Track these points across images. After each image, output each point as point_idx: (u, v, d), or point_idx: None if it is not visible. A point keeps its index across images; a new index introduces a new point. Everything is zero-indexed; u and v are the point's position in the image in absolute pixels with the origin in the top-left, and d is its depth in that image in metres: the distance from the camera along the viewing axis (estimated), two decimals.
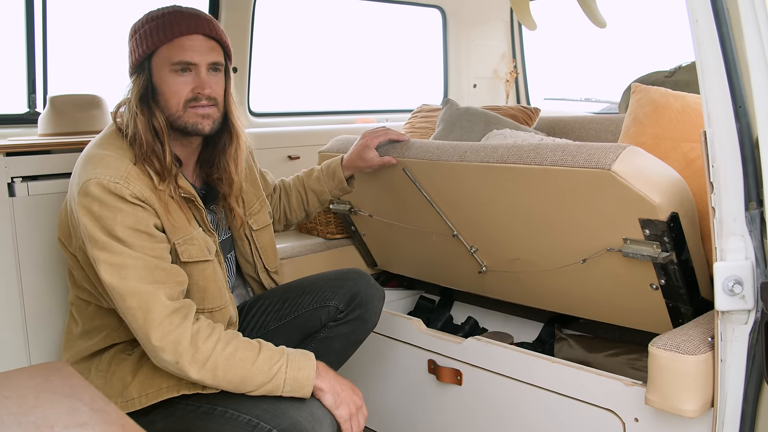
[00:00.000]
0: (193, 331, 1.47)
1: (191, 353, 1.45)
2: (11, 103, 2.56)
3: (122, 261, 1.45)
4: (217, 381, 1.47)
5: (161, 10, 1.58)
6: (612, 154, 1.49)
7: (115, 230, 1.46)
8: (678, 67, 2.62)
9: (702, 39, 1.28)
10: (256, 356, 1.50)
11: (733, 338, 1.34)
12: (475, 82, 4.09)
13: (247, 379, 1.48)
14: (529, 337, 2.40)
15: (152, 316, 1.44)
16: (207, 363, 1.46)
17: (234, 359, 1.48)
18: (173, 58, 1.55)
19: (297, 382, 1.50)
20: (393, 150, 1.99)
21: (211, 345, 1.47)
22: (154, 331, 1.44)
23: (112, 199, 1.46)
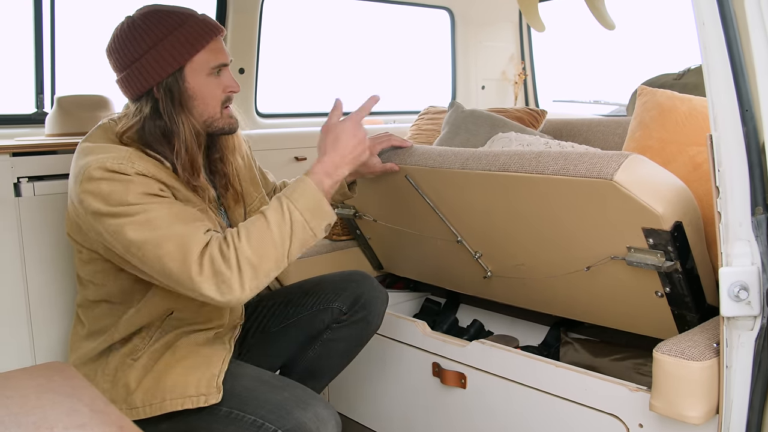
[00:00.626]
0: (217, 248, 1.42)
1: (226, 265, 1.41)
2: (19, 104, 2.57)
3: (147, 217, 1.42)
4: (259, 268, 1.43)
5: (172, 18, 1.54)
6: (614, 164, 1.48)
7: (128, 199, 1.42)
8: (687, 70, 2.60)
9: (708, 42, 1.27)
10: (264, 220, 1.46)
11: (739, 344, 1.32)
12: (484, 83, 4.08)
13: (276, 240, 1.45)
14: (535, 341, 2.39)
15: (191, 254, 1.40)
16: (239, 262, 1.42)
17: (252, 237, 1.44)
18: (212, 62, 1.56)
19: (310, 208, 1.49)
20: (395, 156, 1.99)
21: (233, 246, 1.43)
22: (195, 266, 1.40)
23: (119, 177, 1.44)
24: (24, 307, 1.98)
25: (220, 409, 1.54)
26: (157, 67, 1.52)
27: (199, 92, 1.56)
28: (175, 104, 1.54)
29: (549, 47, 4.14)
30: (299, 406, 1.50)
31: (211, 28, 1.57)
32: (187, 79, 1.55)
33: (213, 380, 1.54)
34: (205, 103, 1.58)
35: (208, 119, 1.59)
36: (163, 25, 1.53)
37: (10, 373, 1.32)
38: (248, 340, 1.87)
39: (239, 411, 1.52)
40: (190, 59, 1.54)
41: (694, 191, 1.64)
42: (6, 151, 1.93)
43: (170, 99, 1.53)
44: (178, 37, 1.52)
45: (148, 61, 1.52)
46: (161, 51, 1.52)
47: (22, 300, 1.97)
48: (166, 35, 1.52)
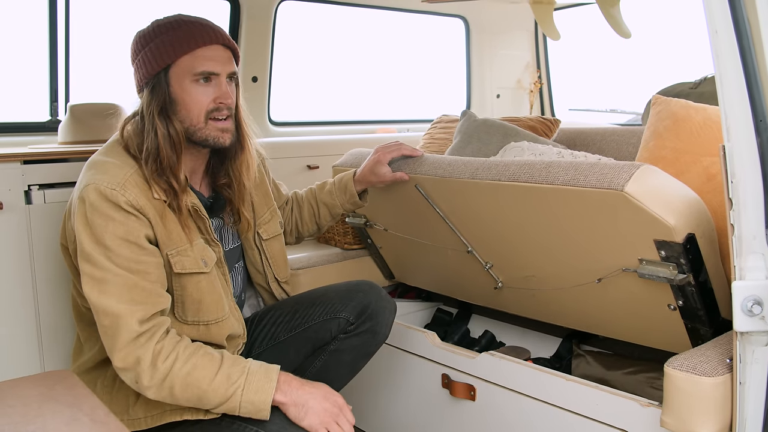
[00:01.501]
0: (155, 351, 1.45)
1: (150, 374, 1.43)
2: (34, 112, 2.59)
3: (103, 276, 1.44)
4: (176, 400, 1.47)
5: (175, 21, 1.57)
6: (625, 174, 1.45)
7: (104, 238, 1.45)
8: (703, 79, 2.56)
9: (721, 50, 1.24)
10: (213, 375, 1.46)
11: (753, 360, 1.29)
12: (499, 92, 4.06)
13: (203, 399, 1.46)
14: (547, 353, 2.36)
15: (119, 338, 1.43)
16: (164, 383, 1.44)
17: (191, 378, 1.45)
18: (196, 68, 1.54)
19: (253, 405, 1.47)
20: (405, 165, 1.98)
21: (169, 364, 1.45)
22: (118, 352, 1.44)
23: (106, 207, 1.45)
24: (33, 314, 1.99)
25: (222, 419, 1.53)
26: (147, 65, 1.55)
27: (180, 97, 1.55)
28: (155, 104, 1.54)
29: (565, 56, 4.12)
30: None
31: (206, 34, 1.56)
32: (171, 81, 1.55)
33: None
34: (187, 109, 1.56)
35: (191, 127, 1.57)
36: (164, 27, 1.56)
37: (13, 381, 1.33)
38: (255, 350, 1.86)
39: (241, 422, 1.51)
40: (174, 61, 1.54)
41: (707, 202, 1.60)
42: (17, 158, 1.95)
43: (153, 98, 1.55)
44: (170, 37, 1.54)
45: (142, 59, 1.56)
46: (152, 49, 1.54)
47: (31, 307, 1.98)
48: (160, 35, 1.55)
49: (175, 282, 1.56)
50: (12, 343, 1.96)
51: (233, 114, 1.63)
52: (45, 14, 2.51)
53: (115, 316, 1.43)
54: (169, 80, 1.55)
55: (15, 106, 2.62)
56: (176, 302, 1.57)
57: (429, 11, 3.73)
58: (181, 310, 1.58)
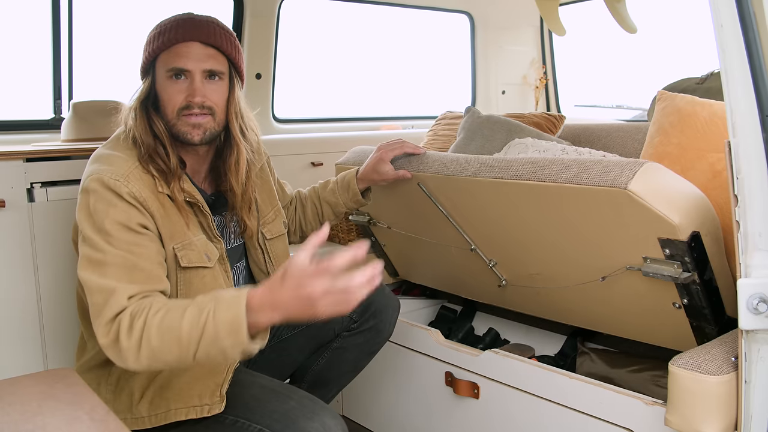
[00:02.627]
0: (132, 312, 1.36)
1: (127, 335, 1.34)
2: (38, 109, 2.60)
3: (103, 258, 1.42)
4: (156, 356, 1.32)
5: (171, 17, 1.59)
6: (629, 172, 1.44)
7: (104, 224, 1.43)
8: (710, 74, 2.53)
9: (727, 45, 1.23)
10: (184, 312, 1.32)
11: (758, 358, 1.27)
12: (504, 88, 4.04)
13: (182, 341, 1.30)
14: (552, 350, 2.35)
15: (106, 313, 1.37)
16: (141, 339, 1.33)
17: (164, 324, 1.33)
18: (169, 64, 1.55)
19: (229, 324, 1.27)
20: (408, 163, 1.97)
21: (143, 320, 1.34)
22: (103, 327, 1.37)
23: (109, 195, 1.45)
24: (36, 313, 1.99)
25: (226, 417, 1.52)
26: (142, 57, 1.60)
27: (159, 92, 1.58)
28: (141, 94, 1.58)
29: (570, 51, 4.10)
30: (306, 415, 1.48)
31: (186, 32, 1.55)
32: (156, 75, 1.58)
33: (217, 390, 1.52)
34: (164, 104, 1.57)
35: (168, 122, 1.58)
36: (161, 23, 1.58)
37: (14, 379, 1.32)
38: None
39: (245, 420, 1.51)
40: (157, 56, 1.57)
41: (713, 199, 1.59)
42: (19, 156, 1.95)
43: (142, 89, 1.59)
44: (158, 33, 1.57)
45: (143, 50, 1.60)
46: (147, 43, 1.59)
47: (34, 305, 1.98)
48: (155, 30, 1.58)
49: (180, 277, 1.55)
50: (14, 341, 1.96)
51: (215, 113, 1.59)
52: (48, 11, 2.51)
53: (108, 292, 1.39)
54: (155, 75, 1.58)
55: (18, 104, 2.62)
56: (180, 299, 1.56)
57: (434, 7, 3.71)
58: None
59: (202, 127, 1.57)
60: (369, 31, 3.81)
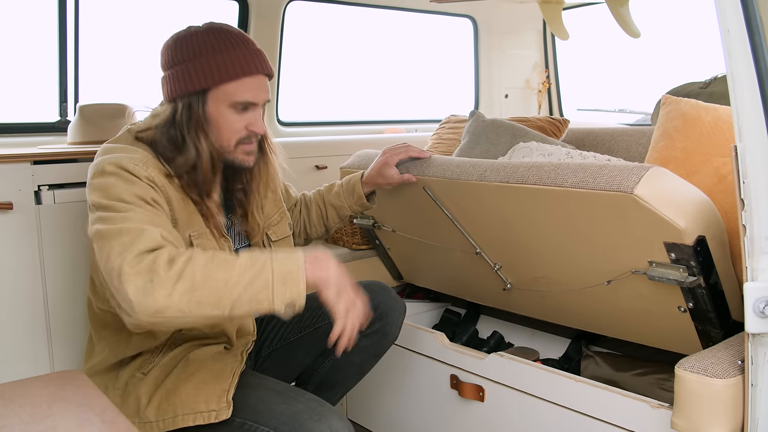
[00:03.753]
0: (172, 253, 1.31)
1: (167, 267, 1.27)
2: (43, 112, 2.60)
3: (125, 215, 1.36)
4: (196, 291, 1.26)
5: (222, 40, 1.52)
6: (635, 177, 1.44)
7: (123, 195, 1.40)
8: (714, 78, 2.54)
9: (733, 50, 1.23)
10: (236, 258, 1.32)
11: (765, 362, 1.28)
12: (507, 92, 4.05)
13: (231, 278, 1.27)
14: (556, 353, 2.35)
15: (137, 247, 1.29)
16: (184, 273, 1.27)
17: (213, 263, 1.29)
18: (238, 96, 1.52)
19: (285, 270, 1.29)
20: (413, 167, 1.97)
21: (186, 258, 1.29)
22: (133, 258, 1.27)
23: (127, 176, 1.43)
24: (42, 315, 1.99)
25: (233, 420, 1.52)
26: (186, 81, 1.51)
27: (215, 120, 1.53)
28: (191, 122, 1.52)
29: (573, 55, 4.10)
30: (313, 417, 1.48)
31: (252, 63, 1.53)
32: (209, 103, 1.52)
33: (223, 395, 1.52)
34: (219, 132, 1.55)
35: (219, 148, 1.57)
36: (211, 44, 1.51)
37: (24, 381, 1.33)
38: (264, 351, 1.86)
39: (253, 422, 1.51)
40: (218, 86, 1.51)
41: (718, 203, 1.59)
42: (27, 158, 1.95)
43: (188, 115, 1.52)
44: (216, 60, 1.50)
45: (182, 72, 1.51)
46: (195, 67, 1.50)
47: (41, 307, 1.99)
48: (207, 54, 1.50)
49: None
50: (22, 344, 1.96)
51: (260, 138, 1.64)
52: (54, 15, 2.52)
53: (138, 230, 1.32)
54: (206, 100, 1.52)
55: (24, 107, 2.63)
56: None
57: (437, 11, 3.72)
58: None
59: (253, 153, 1.62)
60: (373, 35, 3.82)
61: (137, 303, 1.25)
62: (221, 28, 1.54)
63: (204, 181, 1.55)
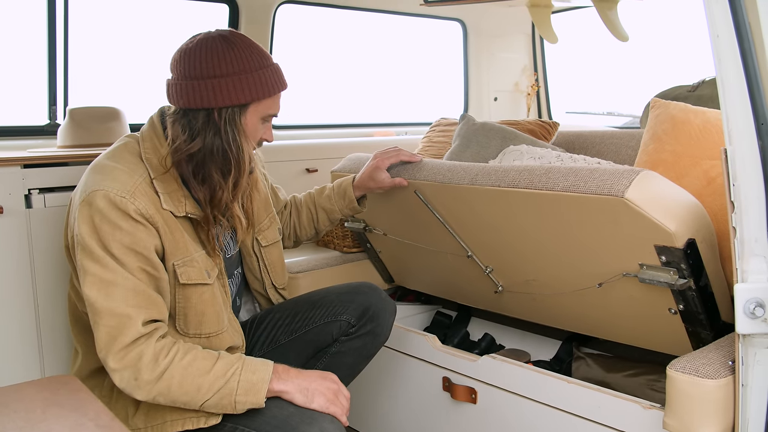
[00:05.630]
0: (156, 348, 1.45)
1: (151, 368, 1.43)
2: (33, 115, 2.59)
3: (113, 278, 1.44)
4: (171, 394, 1.45)
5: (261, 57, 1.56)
6: (625, 180, 1.46)
7: (111, 246, 1.45)
8: (701, 82, 2.56)
9: (723, 54, 1.25)
10: (212, 364, 1.48)
11: (755, 362, 1.29)
12: (496, 95, 4.07)
13: (202, 387, 1.45)
14: (547, 355, 2.36)
15: (121, 340, 1.43)
16: (164, 375, 1.44)
17: (191, 368, 1.46)
18: (271, 110, 1.60)
19: (250, 383, 1.47)
20: (404, 171, 1.98)
21: (170, 359, 1.46)
22: (116, 353, 1.43)
23: (115, 214, 1.45)
24: (33, 319, 1.98)
25: (224, 425, 1.52)
26: (232, 93, 1.52)
27: (248, 131, 1.58)
28: (237, 131, 1.55)
29: (562, 59, 4.13)
30: (304, 421, 1.49)
31: (284, 80, 1.63)
32: (248, 115, 1.56)
33: None
34: (247, 141, 1.60)
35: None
36: (254, 59, 1.55)
37: (17, 386, 1.32)
38: (255, 353, 1.86)
39: (244, 426, 1.51)
40: (261, 100, 1.56)
41: (708, 206, 1.61)
42: (17, 162, 1.94)
43: (234, 126, 1.55)
44: (261, 76, 1.55)
45: (227, 84, 1.52)
46: (243, 81, 1.53)
47: (32, 311, 1.98)
48: (254, 69, 1.54)
49: (179, 294, 1.56)
50: (12, 348, 1.95)
51: None
52: (44, 17, 2.51)
53: (122, 317, 1.43)
54: (246, 113, 1.56)
55: (13, 110, 2.61)
56: (178, 315, 1.57)
57: (427, 14, 3.73)
58: (183, 323, 1.58)
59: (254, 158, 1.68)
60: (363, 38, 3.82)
61: (122, 388, 1.46)
62: (254, 43, 1.59)
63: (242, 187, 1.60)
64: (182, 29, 2.84)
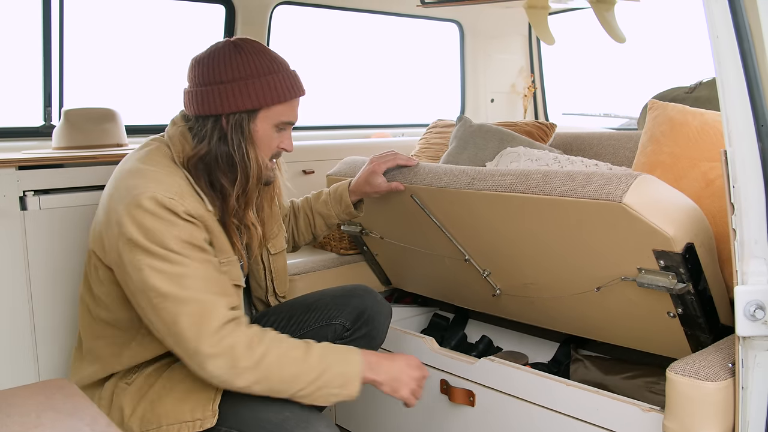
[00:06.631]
0: (248, 335, 1.45)
1: (248, 355, 1.43)
2: (27, 116, 2.57)
3: (182, 271, 1.43)
4: (269, 381, 1.45)
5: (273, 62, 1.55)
6: (623, 185, 1.45)
7: (169, 243, 1.43)
8: (699, 83, 2.56)
9: (722, 55, 1.25)
10: (305, 354, 1.48)
11: (755, 365, 1.29)
12: (493, 96, 4.06)
13: (300, 375, 1.46)
14: (545, 357, 2.36)
15: (210, 323, 1.42)
16: (261, 362, 1.44)
17: (287, 357, 1.46)
18: (284, 117, 1.57)
19: (344, 376, 1.50)
20: (401, 175, 1.97)
21: (264, 346, 1.45)
22: (209, 338, 1.41)
23: (166, 214, 1.44)
24: (28, 322, 1.96)
25: (219, 428, 1.52)
26: (237, 99, 1.51)
27: (259, 137, 1.56)
28: (243, 138, 1.54)
29: (559, 60, 4.13)
30: (300, 425, 1.48)
31: (299, 86, 1.60)
32: (257, 122, 1.55)
33: (209, 404, 1.51)
34: (259, 149, 1.57)
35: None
36: (263, 64, 1.53)
37: (11, 390, 1.31)
38: None
39: (239, 430, 1.50)
40: (270, 106, 1.54)
41: (706, 208, 1.61)
42: (12, 164, 1.93)
43: (240, 133, 1.53)
44: (270, 81, 1.53)
45: (233, 89, 1.51)
46: (249, 86, 1.51)
47: (27, 315, 1.96)
48: (261, 74, 1.52)
49: None
50: (7, 351, 1.94)
51: None
52: (39, 18, 2.49)
53: (203, 303, 1.43)
54: (255, 118, 1.54)
55: (8, 111, 2.60)
56: None
57: (423, 16, 3.73)
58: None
59: (274, 170, 1.67)
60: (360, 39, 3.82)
61: (216, 380, 1.44)
62: (267, 49, 1.58)
63: (250, 194, 1.58)
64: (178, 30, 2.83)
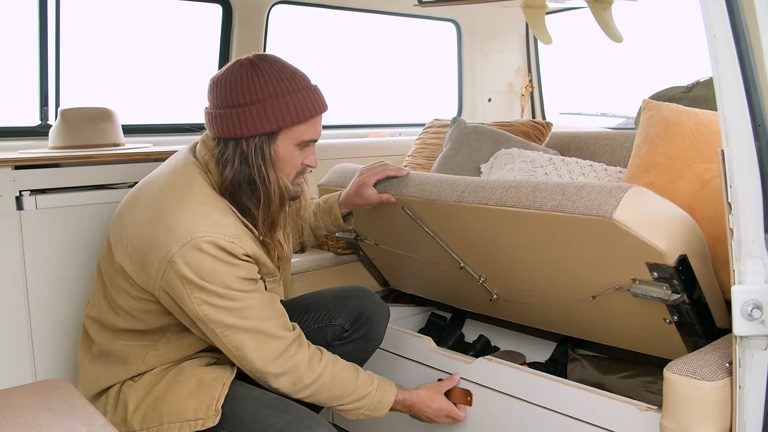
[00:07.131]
0: (308, 355, 1.59)
1: (310, 373, 1.58)
2: (24, 116, 2.57)
3: (244, 305, 1.50)
4: (320, 396, 1.62)
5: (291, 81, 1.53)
6: (613, 200, 1.43)
7: (229, 283, 1.48)
8: (696, 83, 2.56)
9: (720, 55, 1.24)
10: (356, 376, 1.66)
11: (752, 364, 1.29)
12: (490, 96, 4.06)
13: (351, 394, 1.64)
14: (542, 357, 2.35)
15: (275, 347, 1.54)
16: (319, 380, 1.59)
17: (339, 378, 1.62)
18: (305, 136, 1.56)
19: (377, 403, 1.70)
20: (391, 187, 1.95)
21: (323, 366, 1.60)
22: (275, 360, 1.54)
23: (227, 257, 1.47)
24: (25, 322, 1.96)
25: (218, 431, 1.52)
26: (256, 121, 1.50)
27: (281, 158, 1.55)
28: (265, 160, 1.53)
29: (556, 59, 4.13)
30: (301, 429, 1.48)
31: (321, 102, 1.57)
32: (278, 143, 1.53)
33: (212, 404, 1.52)
34: (283, 168, 1.56)
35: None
36: (281, 84, 1.51)
37: (7, 390, 1.30)
38: None
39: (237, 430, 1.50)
40: (290, 127, 1.52)
41: (701, 209, 1.61)
42: (8, 164, 1.91)
43: (261, 157, 1.52)
44: (289, 101, 1.51)
45: (251, 112, 1.49)
46: (268, 108, 1.49)
47: (23, 315, 1.95)
48: (280, 95, 1.50)
49: None
50: (3, 351, 1.93)
51: None
52: (35, 17, 2.49)
53: (265, 330, 1.53)
54: (276, 140, 1.53)
55: (4, 110, 2.59)
56: None
57: (420, 15, 3.73)
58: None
59: (302, 185, 1.67)
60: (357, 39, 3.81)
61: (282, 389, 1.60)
62: (282, 68, 1.54)
63: (277, 216, 1.59)
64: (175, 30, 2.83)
